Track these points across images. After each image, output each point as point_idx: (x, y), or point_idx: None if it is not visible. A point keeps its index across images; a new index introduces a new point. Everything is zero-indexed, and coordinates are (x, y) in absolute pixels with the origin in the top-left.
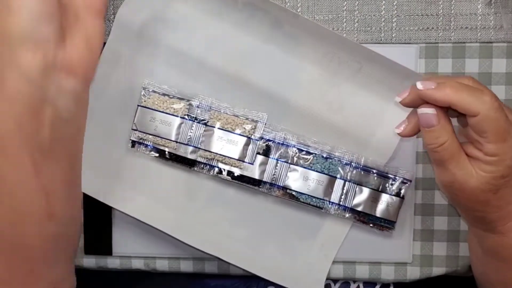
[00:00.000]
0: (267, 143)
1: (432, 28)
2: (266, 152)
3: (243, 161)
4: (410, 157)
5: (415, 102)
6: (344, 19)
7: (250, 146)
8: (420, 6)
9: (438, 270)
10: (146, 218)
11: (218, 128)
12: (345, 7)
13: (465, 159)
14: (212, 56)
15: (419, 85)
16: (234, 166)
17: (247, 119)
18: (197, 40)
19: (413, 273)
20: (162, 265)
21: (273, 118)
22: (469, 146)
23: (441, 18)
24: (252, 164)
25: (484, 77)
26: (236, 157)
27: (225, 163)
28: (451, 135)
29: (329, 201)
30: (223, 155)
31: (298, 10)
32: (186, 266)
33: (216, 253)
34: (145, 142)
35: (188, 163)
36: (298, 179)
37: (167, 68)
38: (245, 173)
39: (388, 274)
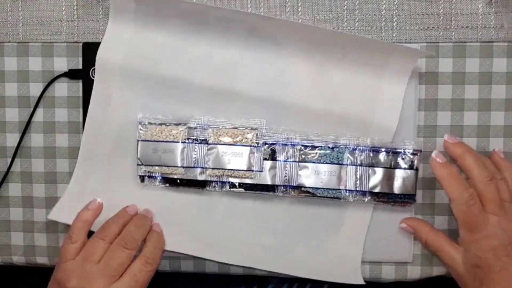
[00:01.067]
0: (271, 147)
1: (433, 27)
2: (273, 156)
3: (252, 170)
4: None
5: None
6: (345, 19)
7: (256, 154)
8: (420, 6)
9: (438, 270)
10: (169, 245)
11: (221, 144)
12: (345, 7)
13: (451, 250)
14: (198, 76)
15: (433, 154)
16: (245, 177)
17: (246, 128)
18: (180, 64)
19: (414, 272)
20: (162, 265)
21: (272, 121)
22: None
23: (441, 17)
24: (262, 171)
25: (485, 76)
26: (245, 168)
27: (235, 177)
28: (429, 234)
29: (346, 189)
30: (232, 169)
31: (299, 10)
32: (186, 266)
33: (248, 264)
34: (153, 175)
35: (199, 185)
36: (310, 175)
37: (157, 98)
38: (257, 182)
39: (388, 273)
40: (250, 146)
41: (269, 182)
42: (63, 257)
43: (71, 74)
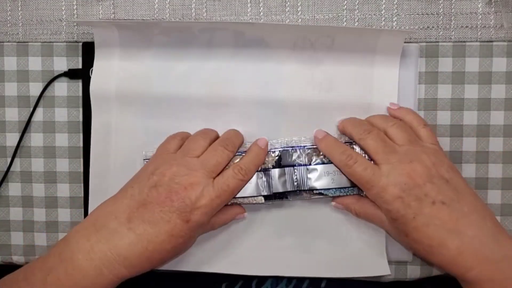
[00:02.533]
0: (277, 154)
1: (433, 27)
2: (280, 163)
3: (262, 195)
4: None
5: None
6: (345, 18)
7: (264, 178)
8: (420, 5)
9: (438, 269)
10: (195, 266)
11: None
12: (345, 6)
13: (376, 211)
14: (193, 89)
15: (314, 132)
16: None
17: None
18: (172, 80)
19: (413, 272)
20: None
21: (272, 122)
22: None
23: (441, 17)
24: (271, 194)
25: (484, 76)
26: (254, 194)
27: (246, 203)
28: (356, 204)
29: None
30: (241, 197)
31: (299, 9)
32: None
33: (275, 273)
34: None
35: None
36: (320, 177)
37: (156, 118)
38: (268, 193)
39: None
40: (258, 171)
41: (280, 190)
42: (161, 150)
43: (71, 74)
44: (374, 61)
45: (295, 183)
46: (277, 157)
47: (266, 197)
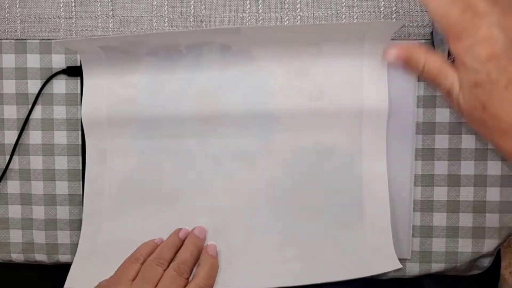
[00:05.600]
0: None
1: (432, 24)
2: None
3: None
4: (409, 153)
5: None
6: (343, 16)
7: None
8: (419, 2)
9: (437, 267)
10: None
11: None
12: (344, 3)
13: (449, 70)
14: (183, 106)
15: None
16: None
17: None
18: (162, 98)
19: (412, 269)
20: None
21: (265, 133)
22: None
23: None
24: None
25: None
26: None
27: None
28: (428, 55)
29: None
30: None
31: (298, 7)
32: None
33: (280, 284)
34: None
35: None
36: None
37: (150, 137)
38: None
39: None
40: None
41: None
42: (123, 273)
43: (69, 71)
44: (363, 59)
45: None
46: None
47: None
